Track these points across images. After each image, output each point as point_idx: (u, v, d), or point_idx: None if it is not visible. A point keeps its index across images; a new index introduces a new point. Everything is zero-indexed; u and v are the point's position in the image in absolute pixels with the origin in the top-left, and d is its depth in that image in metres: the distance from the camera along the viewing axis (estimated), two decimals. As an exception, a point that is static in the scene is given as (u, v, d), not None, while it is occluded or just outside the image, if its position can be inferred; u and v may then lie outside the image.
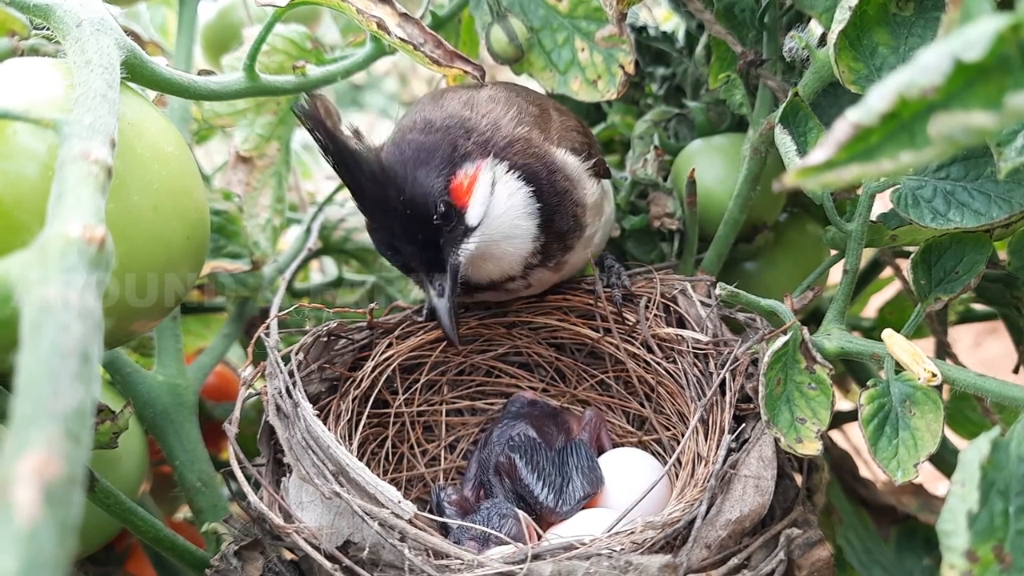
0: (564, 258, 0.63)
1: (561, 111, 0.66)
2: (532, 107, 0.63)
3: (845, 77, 0.53)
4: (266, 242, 0.79)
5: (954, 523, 0.39)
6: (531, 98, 0.64)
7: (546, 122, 0.63)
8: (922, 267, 0.55)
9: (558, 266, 0.64)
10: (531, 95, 0.65)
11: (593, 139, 0.68)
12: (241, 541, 0.55)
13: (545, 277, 0.64)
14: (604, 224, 0.67)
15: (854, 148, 0.27)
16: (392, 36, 0.59)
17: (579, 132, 0.65)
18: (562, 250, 0.63)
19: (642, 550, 0.49)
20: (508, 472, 0.61)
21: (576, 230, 0.62)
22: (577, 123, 0.67)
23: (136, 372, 0.70)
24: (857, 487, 0.82)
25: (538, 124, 0.62)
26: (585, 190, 0.63)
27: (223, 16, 1.05)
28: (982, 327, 1.50)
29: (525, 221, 0.60)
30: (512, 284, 0.64)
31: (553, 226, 0.61)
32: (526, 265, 0.62)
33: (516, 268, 0.62)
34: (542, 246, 0.61)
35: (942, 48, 0.25)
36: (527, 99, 0.64)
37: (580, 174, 0.62)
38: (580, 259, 0.66)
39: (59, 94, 0.46)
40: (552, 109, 0.65)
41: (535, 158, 0.60)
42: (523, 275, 0.63)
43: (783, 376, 0.54)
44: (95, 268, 0.32)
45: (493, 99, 0.62)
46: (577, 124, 0.66)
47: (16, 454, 0.25)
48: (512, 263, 0.62)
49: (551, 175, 0.61)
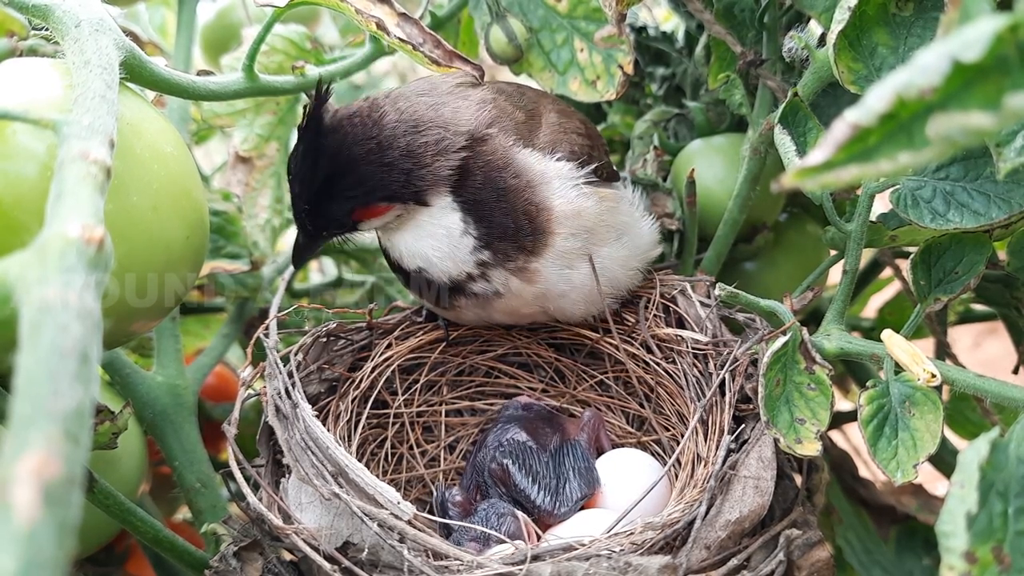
0: (531, 265, 0.60)
1: (564, 112, 0.64)
2: (519, 112, 0.61)
3: (844, 77, 0.53)
4: (265, 242, 0.79)
5: (953, 524, 0.39)
6: (523, 102, 0.62)
7: (532, 127, 0.61)
8: (921, 267, 0.55)
9: (526, 275, 0.60)
10: (525, 99, 0.63)
11: (598, 141, 0.66)
12: (240, 542, 0.55)
13: (515, 287, 0.61)
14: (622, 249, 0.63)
15: (853, 149, 0.27)
16: (391, 36, 0.59)
17: (580, 134, 0.63)
18: (521, 252, 0.59)
19: (642, 551, 0.49)
20: (502, 479, 0.60)
21: (534, 234, 0.59)
22: (580, 124, 0.64)
23: (135, 373, 0.70)
24: (857, 487, 0.82)
25: (517, 127, 0.60)
26: (552, 194, 0.59)
27: (222, 16, 1.05)
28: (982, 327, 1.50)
29: (441, 216, 0.59)
30: (476, 287, 0.60)
31: (491, 221, 0.58)
32: (477, 261, 0.59)
33: (461, 258, 0.59)
34: (480, 239, 0.58)
35: (941, 48, 0.25)
36: (517, 103, 0.61)
37: (549, 180, 0.59)
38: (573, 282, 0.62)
39: (58, 94, 0.46)
40: (552, 111, 0.63)
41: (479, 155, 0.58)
42: (482, 274, 0.60)
43: (783, 377, 0.54)
44: (94, 268, 0.32)
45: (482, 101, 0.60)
46: (579, 126, 0.64)
47: (15, 454, 0.25)
48: (449, 246, 0.59)
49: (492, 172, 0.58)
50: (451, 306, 0.63)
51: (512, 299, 0.62)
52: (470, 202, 0.58)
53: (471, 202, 0.58)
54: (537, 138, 0.60)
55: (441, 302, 0.63)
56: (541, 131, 0.61)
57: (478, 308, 0.63)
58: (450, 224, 0.59)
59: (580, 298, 0.63)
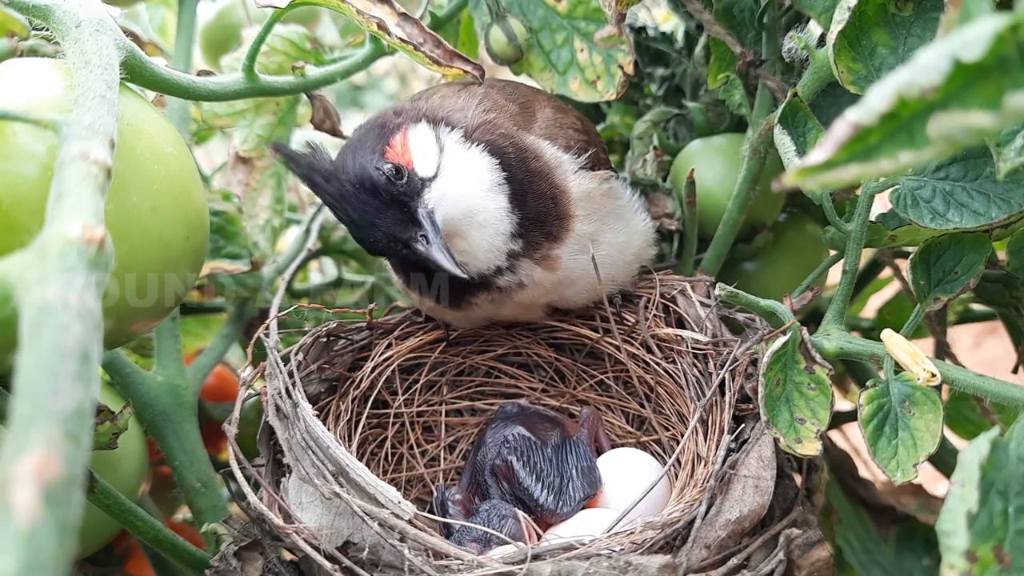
0: (553, 252, 0.60)
1: (560, 108, 0.65)
2: (512, 104, 0.62)
3: (844, 77, 0.53)
4: (265, 243, 0.79)
5: (953, 523, 0.39)
6: (516, 96, 0.64)
7: (527, 118, 0.62)
8: (921, 267, 0.55)
9: (548, 263, 0.61)
10: (517, 94, 0.64)
11: (595, 137, 0.66)
12: (241, 542, 0.55)
13: (538, 276, 0.61)
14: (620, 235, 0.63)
15: (853, 148, 0.27)
16: (392, 36, 0.59)
17: (577, 130, 0.63)
18: (547, 239, 0.60)
19: (642, 550, 0.49)
20: (505, 475, 0.60)
21: (559, 218, 0.60)
22: (576, 120, 0.65)
23: (135, 373, 0.70)
24: (857, 487, 0.82)
25: (513, 118, 0.61)
26: (567, 178, 0.60)
27: (222, 17, 1.05)
28: (981, 327, 1.50)
29: (491, 188, 0.58)
30: (502, 280, 0.61)
31: (527, 204, 0.59)
32: (509, 253, 0.59)
33: (497, 251, 0.59)
34: (519, 226, 0.59)
35: (941, 48, 0.25)
36: (510, 97, 0.63)
37: (562, 163, 0.61)
38: (585, 268, 0.62)
39: (58, 95, 0.46)
40: (548, 107, 0.64)
41: (501, 136, 0.60)
42: (510, 267, 0.60)
43: (782, 376, 0.54)
44: (94, 268, 0.32)
45: (470, 94, 0.62)
46: (575, 122, 0.64)
47: (16, 454, 0.25)
48: (490, 242, 0.59)
49: (521, 153, 0.59)
50: (467, 304, 0.63)
51: (533, 289, 0.62)
52: (512, 179, 0.59)
53: (512, 179, 0.59)
54: (534, 127, 0.62)
55: (450, 302, 0.63)
56: (536, 123, 0.62)
57: (494, 305, 0.63)
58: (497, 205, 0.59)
59: (586, 285, 0.64)
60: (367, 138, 0.59)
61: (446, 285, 0.62)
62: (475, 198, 0.58)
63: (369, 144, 0.58)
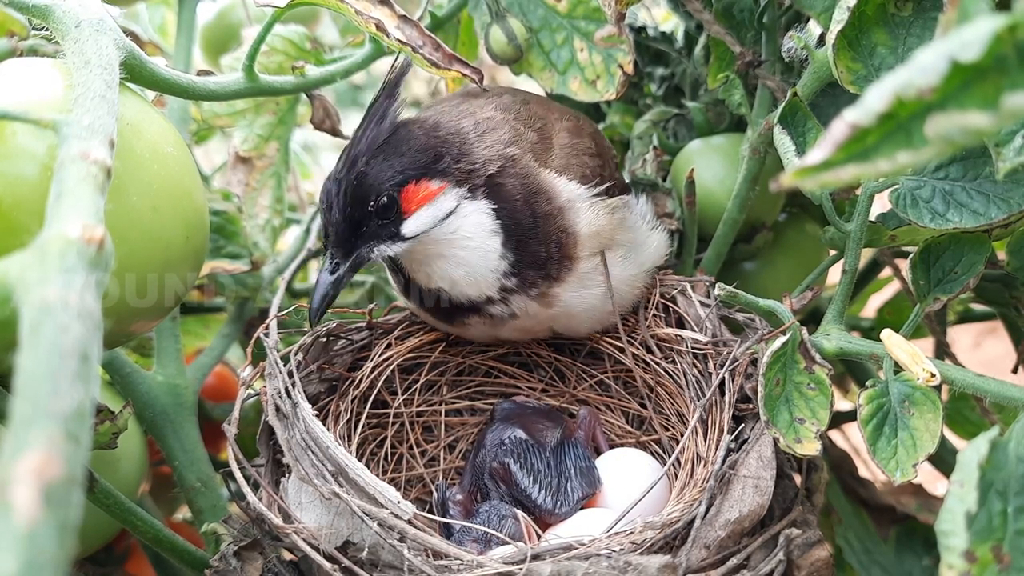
0: (552, 290, 0.60)
1: (575, 131, 0.63)
2: (530, 131, 0.61)
3: (843, 77, 0.53)
4: (265, 242, 0.79)
5: (953, 523, 0.39)
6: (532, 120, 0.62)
7: (545, 147, 0.61)
8: (921, 267, 0.55)
9: (546, 300, 0.60)
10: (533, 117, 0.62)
11: (609, 158, 0.66)
12: (240, 541, 0.55)
13: (533, 310, 0.61)
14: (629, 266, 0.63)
15: (851, 149, 0.27)
16: (391, 38, 0.59)
17: (591, 155, 0.62)
18: (545, 279, 0.59)
19: (641, 550, 0.49)
20: (503, 478, 0.60)
21: (561, 260, 0.59)
22: (591, 143, 0.63)
23: (135, 372, 0.70)
24: (856, 487, 0.82)
25: (532, 149, 0.60)
26: (578, 217, 0.59)
27: (222, 16, 1.05)
28: (981, 327, 1.50)
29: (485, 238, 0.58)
30: (493, 309, 0.60)
31: (526, 248, 0.58)
32: (502, 287, 0.59)
33: (488, 284, 0.59)
34: (513, 266, 0.58)
35: (939, 48, 0.25)
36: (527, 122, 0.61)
37: (574, 200, 0.59)
38: (587, 303, 0.62)
39: (58, 94, 0.46)
40: (563, 131, 0.62)
41: (515, 176, 0.58)
42: (502, 299, 0.60)
43: (782, 376, 0.54)
44: (94, 268, 0.32)
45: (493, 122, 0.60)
46: (590, 145, 0.63)
47: (16, 454, 0.25)
48: (478, 272, 0.58)
49: (532, 196, 0.58)
50: (459, 323, 0.63)
51: (526, 320, 0.62)
52: (509, 225, 0.58)
53: (511, 225, 0.58)
54: (551, 159, 0.61)
55: (444, 317, 0.63)
56: (554, 152, 0.61)
57: (487, 327, 0.63)
58: (488, 247, 0.58)
59: (589, 317, 0.64)
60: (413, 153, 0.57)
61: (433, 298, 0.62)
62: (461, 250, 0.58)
63: (407, 162, 0.56)
